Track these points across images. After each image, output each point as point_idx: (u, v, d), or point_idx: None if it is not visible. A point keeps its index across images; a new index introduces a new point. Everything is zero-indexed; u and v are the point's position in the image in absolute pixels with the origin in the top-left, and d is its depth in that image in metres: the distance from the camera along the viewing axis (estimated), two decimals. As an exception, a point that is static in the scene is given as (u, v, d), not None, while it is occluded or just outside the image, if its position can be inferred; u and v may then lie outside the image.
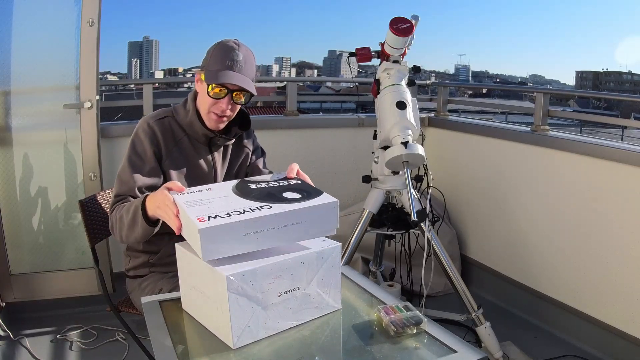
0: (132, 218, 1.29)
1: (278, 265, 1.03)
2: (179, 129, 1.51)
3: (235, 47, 1.42)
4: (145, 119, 1.50)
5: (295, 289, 1.06)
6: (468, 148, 2.92)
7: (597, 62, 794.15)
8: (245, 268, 0.99)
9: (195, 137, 1.51)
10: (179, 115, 1.51)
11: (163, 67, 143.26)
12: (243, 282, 0.98)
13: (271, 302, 1.03)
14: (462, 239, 2.97)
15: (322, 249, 1.09)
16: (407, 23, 1.91)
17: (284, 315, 1.06)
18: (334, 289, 1.13)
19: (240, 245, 1.01)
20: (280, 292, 1.04)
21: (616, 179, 2.15)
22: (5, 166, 2.38)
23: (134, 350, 2.05)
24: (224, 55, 1.41)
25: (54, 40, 2.40)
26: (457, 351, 1.01)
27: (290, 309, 1.07)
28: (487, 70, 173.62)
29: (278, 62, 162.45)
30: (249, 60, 1.43)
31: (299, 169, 1.30)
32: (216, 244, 0.99)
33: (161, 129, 1.47)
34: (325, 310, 1.13)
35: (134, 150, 1.46)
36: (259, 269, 1.00)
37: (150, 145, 1.45)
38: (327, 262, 1.10)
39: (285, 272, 1.04)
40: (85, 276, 2.52)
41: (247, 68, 1.43)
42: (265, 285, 1.02)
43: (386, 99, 1.93)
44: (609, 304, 2.19)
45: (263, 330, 1.04)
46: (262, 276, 1.01)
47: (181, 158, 1.50)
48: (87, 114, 2.42)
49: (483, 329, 2.10)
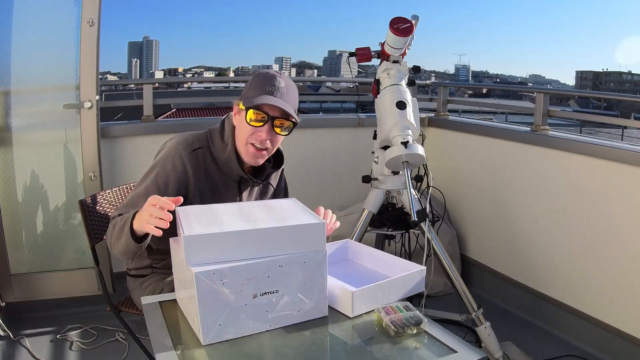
0: (120, 227, 1.26)
1: (251, 266, 1.02)
2: (212, 162, 1.41)
3: (276, 75, 1.35)
4: (179, 148, 1.38)
5: (272, 291, 1.05)
6: (468, 148, 2.92)
7: (597, 62, 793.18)
8: (216, 267, 1.00)
9: (228, 174, 1.43)
10: (215, 147, 1.41)
11: (163, 67, 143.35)
12: (212, 280, 0.99)
13: (245, 303, 1.03)
14: (462, 239, 2.97)
15: (304, 253, 1.07)
16: (407, 23, 1.91)
17: (259, 318, 1.05)
18: (319, 295, 1.10)
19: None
20: (256, 294, 1.03)
21: (616, 179, 2.15)
22: (5, 166, 2.38)
23: (134, 350, 2.05)
24: (264, 82, 1.34)
25: (54, 40, 2.40)
26: (457, 351, 1.01)
27: (267, 311, 1.06)
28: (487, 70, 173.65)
29: (278, 62, 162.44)
30: (290, 88, 1.37)
31: (327, 210, 1.32)
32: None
33: (194, 165, 1.38)
34: (309, 317, 1.10)
35: (155, 179, 1.36)
36: (230, 268, 1.01)
37: (176, 182, 1.36)
38: (310, 267, 1.08)
39: (260, 273, 1.03)
40: (85, 276, 2.52)
41: (289, 95, 1.35)
42: (238, 285, 1.01)
43: (386, 99, 1.93)
44: (609, 304, 2.19)
45: (236, 330, 1.04)
46: (234, 276, 1.01)
47: (210, 195, 1.41)
48: (87, 114, 2.42)
49: (483, 329, 2.10)
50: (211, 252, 1.02)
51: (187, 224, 1.07)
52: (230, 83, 6.43)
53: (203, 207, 1.22)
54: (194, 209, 1.20)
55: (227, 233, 1.03)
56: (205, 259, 1.01)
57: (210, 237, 1.02)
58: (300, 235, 1.07)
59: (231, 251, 1.03)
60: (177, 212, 1.14)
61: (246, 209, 1.19)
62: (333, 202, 2.99)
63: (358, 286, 1.14)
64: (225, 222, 1.09)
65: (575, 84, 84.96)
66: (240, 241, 1.03)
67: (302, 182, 2.94)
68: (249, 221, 1.09)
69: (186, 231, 1.02)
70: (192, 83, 15.26)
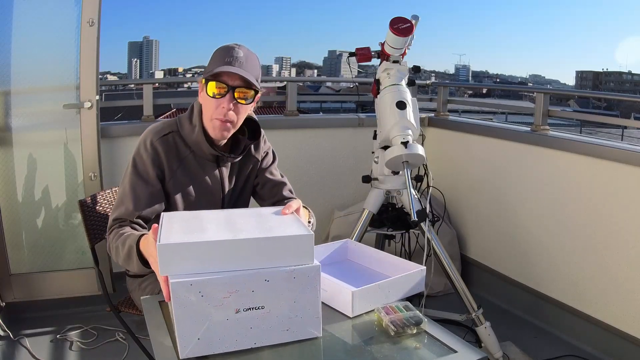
0: (127, 254, 1.24)
1: (232, 278, 0.96)
2: (183, 146, 1.42)
3: (234, 46, 1.35)
4: (148, 135, 1.40)
5: (257, 307, 0.98)
6: (468, 148, 2.92)
7: (597, 62, 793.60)
8: (193, 278, 0.94)
9: (202, 155, 1.42)
10: (185, 130, 1.42)
11: (163, 67, 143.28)
12: (189, 291, 0.93)
13: (226, 317, 0.96)
14: (462, 239, 2.97)
15: (295, 269, 0.99)
16: (407, 23, 1.91)
17: (243, 334, 0.98)
18: (312, 314, 1.03)
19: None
20: (239, 309, 0.97)
21: (616, 179, 2.15)
22: (5, 166, 2.38)
23: (134, 350, 2.05)
24: (223, 54, 1.33)
25: (54, 40, 2.40)
26: (457, 351, 1.01)
27: (252, 328, 0.99)
28: (487, 70, 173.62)
29: (278, 62, 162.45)
30: (250, 57, 1.35)
31: (300, 206, 1.24)
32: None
33: (165, 148, 1.39)
34: (300, 336, 1.03)
35: (135, 170, 1.38)
36: (209, 280, 0.94)
37: (153, 166, 1.37)
38: (301, 284, 1.00)
39: (243, 287, 0.96)
40: (85, 276, 2.52)
41: (249, 64, 1.33)
42: (219, 298, 0.95)
43: (386, 99, 1.93)
44: (609, 304, 2.19)
45: (217, 346, 0.97)
46: (214, 289, 0.95)
47: (185, 177, 1.42)
48: (87, 114, 2.42)
49: (483, 329, 2.11)
50: (188, 262, 0.95)
51: (166, 231, 1.01)
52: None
53: (189, 213, 1.19)
54: (179, 215, 1.17)
55: (205, 243, 0.97)
56: (182, 269, 0.95)
57: (186, 247, 0.96)
58: (285, 247, 1.00)
59: (210, 262, 0.96)
60: (162, 218, 1.11)
61: (234, 216, 1.14)
62: (333, 202, 2.99)
63: (358, 286, 1.14)
64: (207, 230, 1.03)
65: (575, 84, 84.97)
66: (220, 252, 0.97)
67: (302, 182, 2.93)
68: (232, 230, 1.03)
69: (162, 239, 0.97)
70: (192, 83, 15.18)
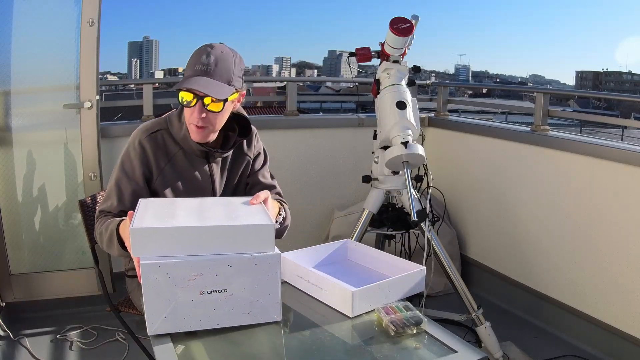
0: (108, 238, 1.30)
1: (198, 263, 1.03)
2: (172, 143, 1.43)
3: (207, 49, 1.32)
4: (137, 134, 1.43)
5: (220, 290, 1.05)
6: (468, 148, 2.92)
7: (597, 62, 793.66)
8: (162, 260, 1.01)
9: (191, 151, 1.44)
10: (174, 128, 1.43)
11: (163, 67, 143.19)
12: (157, 273, 1.01)
13: (191, 299, 1.03)
14: (462, 239, 2.97)
15: (256, 256, 1.06)
16: (407, 23, 1.91)
17: (207, 315, 1.05)
18: (272, 299, 1.09)
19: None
20: (203, 291, 1.04)
21: (616, 179, 2.15)
22: (5, 166, 2.38)
23: (134, 350, 2.05)
24: (195, 60, 1.32)
25: (54, 40, 2.40)
26: (457, 351, 1.01)
27: (215, 309, 1.05)
28: (487, 70, 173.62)
29: (278, 62, 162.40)
30: (221, 62, 1.32)
31: (268, 197, 1.26)
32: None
33: (153, 146, 1.41)
34: (261, 320, 1.09)
35: (122, 168, 1.41)
36: (176, 263, 1.02)
37: (140, 165, 1.39)
38: (262, 270, 1.07)
39: (207, 271, 1.03)
40: (85, 276, 2.52)
41: (218, 71, 1.31)
42: (185, 281, 1.02)
43: (386, 99, 1.93)
44: (609, 304, 2.19)
45: (183, 324, 1.04)
46: (180, 271, 1.02)
47: (174, 174, 1.43)
48: (87, 114, 2.42)
49: (483, 329, 2.11)
50: (158, 245, 1.03)
51: (139, 216, 1.08)
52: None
53: (165, 200, 1.27)
54: (155, 201, 1.23)
55: (174, 228, 1.04)
56: (153, 252, 1.02)
57: (157, 231, 1.03)
58: (247, 236, 1.06)
59: (178, 246, 1.03)
60: (139, 203, 1.17)
61: (206, 205, 1.20)
62: (333, 202, 2.99)
63: (358, 286, 1.14)
64: (177, 217, 1.10)
65: (575, 84, 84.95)
66: (187, 237, 1.04)
67: (302, 182, 2.93)
68: (200, 218, 1.10)
69: (135, 224, 1.04)
70: (192, 83, 15.03)
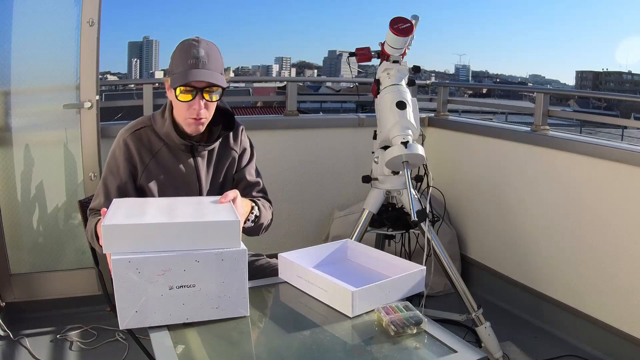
0: (91, 235, 1.39)
1: (166, 258, 1.05)
2: (156, 139, 1.45)
3: (195, 44, 1.35)
4: (122, 133, 1.46)
5: (189, 285, 1.07)
6: (468, 148, 2.92)
7: (597, 62, 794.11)
8: (132, 256, 1.04)
9: (175, 146, 1.45)
10: (157, 124, 1.46)
11: (163, 67, 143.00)
12: (128, 268, 1.04)
13: (161, 293, 1.06)
14: (462, 239, 2.97)
15: (223, 251, 1.08)
16: (407, 23, 1.91)
17: (176, 309, 1.08)
18: (239, 294, 1.11)
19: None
20: (172, 286, 1.06)
21: (616, 179, 2.15)
22: (5, 166, 2.38)
23: (134, 350, 2.04)
24: (185, 55, 1.34)
25: (54, 40, 2.39)
26: (457, 351, 1.01)
27: (184, 304, 1.08)
28: (487, 70, 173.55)
29: (278, 62, 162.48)
30: (212, 54, 1.36)
31: (237, 196, 1.29)
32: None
33: (136, 144, 1.43)
34: (229, 314, 1.11)
35: (108, 167, 1.46)
36: (145, 258, 1.04)
37: (125, 162, 1.42)
38: (228, 265, 1.09)
39: (175, 266, 1.06)
40: (85, 276, 2.51)
41: (212, 62, 1.36)
42: (154, 276, 1.05)
43: (386, 99, 1.93)
44: (609, 304, 2.19)
45: (153, 319, 1.07)
46: (149, 266, 1.04)
47: (159, 169, 1.45)
48: (87, 114, 2.42)
49: (483, 329, 2.10)
50: (128, 241, 1.05)
51: (111, 214, 1.12)
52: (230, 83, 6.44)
53: (137, 199, 1.31)
54: (128, 201, 1.26)
55: (142, 225, 1.07)
56: (124, 248, 1.05)
57: (126, 228, 1.06)
58: (213, 232, 1.09)
59: (147, 242, 1.06)
60: (112, 203, 1.21)
61: (176, 204, 1.23)
62: (333, 202, 2.99)
63: (358, 286, 1.14)
64: (146, 214, 1.13)
65: (575, 84, 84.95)
66: (155, 233, 1.07)
67: (302, 182, 2.93)
68: (169, 215, 1.13)
69: (105, 221, 1.07)
70: (192, 83, 15.04)
